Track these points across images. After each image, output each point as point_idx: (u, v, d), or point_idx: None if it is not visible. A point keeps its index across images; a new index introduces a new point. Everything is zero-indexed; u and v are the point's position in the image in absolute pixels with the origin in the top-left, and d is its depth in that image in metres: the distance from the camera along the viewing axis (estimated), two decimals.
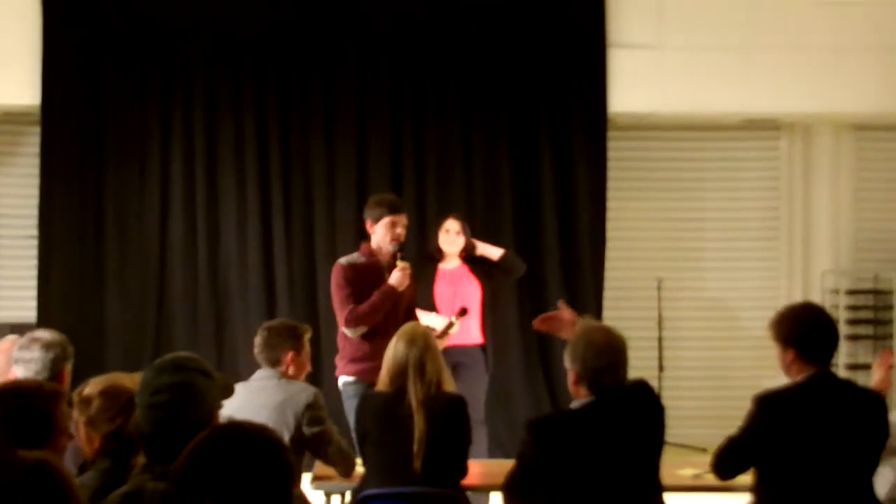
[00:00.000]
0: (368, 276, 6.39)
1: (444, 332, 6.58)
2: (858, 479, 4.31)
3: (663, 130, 9.96)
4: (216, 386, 3.37)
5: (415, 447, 4.77)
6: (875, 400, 4.44)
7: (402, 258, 6.43)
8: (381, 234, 6.46)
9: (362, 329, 6.34)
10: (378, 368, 6.16)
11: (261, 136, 9.08)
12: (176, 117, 9.06)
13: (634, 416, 4.25)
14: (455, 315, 6.79)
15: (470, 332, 7.26)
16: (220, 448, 2.52)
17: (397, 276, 6.36)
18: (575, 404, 4.28)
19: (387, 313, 6.32)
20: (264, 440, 2.55)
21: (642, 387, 4.35)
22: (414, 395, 4.84)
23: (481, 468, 5.74)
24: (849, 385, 4.50)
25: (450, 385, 5.03)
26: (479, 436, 7.23)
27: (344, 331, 6.40)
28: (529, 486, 4.26)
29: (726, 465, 4.48)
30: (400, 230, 6.47)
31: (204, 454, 2.53)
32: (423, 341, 4.96)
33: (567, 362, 4.27)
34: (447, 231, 7.44)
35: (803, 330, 4.37)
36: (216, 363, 8.91)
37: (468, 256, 7.44)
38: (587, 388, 4.22)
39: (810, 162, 10.02)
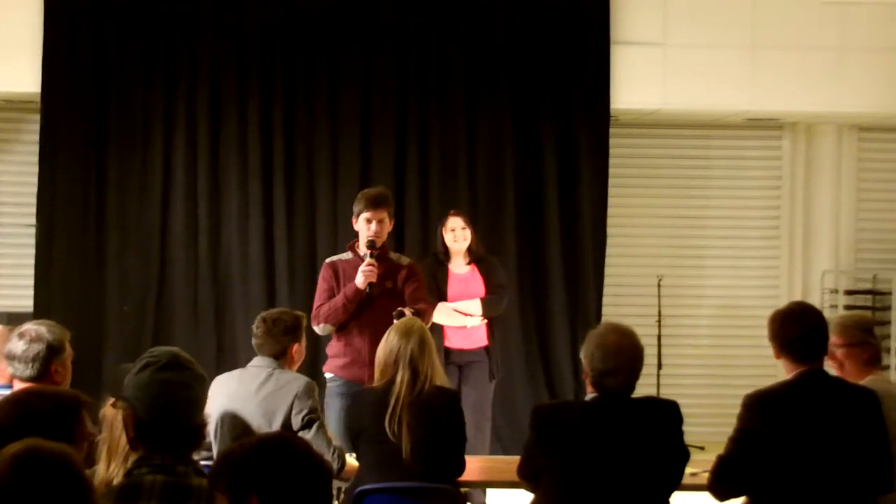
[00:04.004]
0: (351, 273, 6.25)
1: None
2: (852, 474, 4.29)
3: (666, 128, 9.97)
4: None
5: (404, 442, 4.73)
6: (867, 396, 4.43)
7: (373, 255, 6.19)
8: (361, 229, 6.29)
9: (329, 327, 6.26)
10: (350, 366, 6.19)
11: (264, 127, 9.04)
12: (179, 106, 9.01)
13: (638, 423, 4.20)
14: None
15: (479, 334, 7.22)
16: (285, 453, 2.65)
17: (360, 276, 6.15)
18: (588, 398, 4.28)
19: (361, 312, 6.18)
20: (325, 466, 2.73)
21: (664, 403, 4.33)
22: (405, 389, 4.80)
23: (480, 464, 5.73)
24: (840, 382, 4.53)
25: (442, 380, 4.99)
26: (484, 434, 7.21)
27: (313, 328, 6.29)
28: (533, 470, 4.28)
29: (723, 481, 4.42)
30: (376, 227, 6.22)
31: (267, 455, 2.65)
32: (418, 336, 4.91)
33: (581, 354, 4.27)
34: (452, 229, 7.25)
35: (790, 332, 4.43)
36: (216, 353, 8.90)
37: (476, 259, 7.30)
38: (591, 385, 4.22)
39: (812, 162, 10.03)
